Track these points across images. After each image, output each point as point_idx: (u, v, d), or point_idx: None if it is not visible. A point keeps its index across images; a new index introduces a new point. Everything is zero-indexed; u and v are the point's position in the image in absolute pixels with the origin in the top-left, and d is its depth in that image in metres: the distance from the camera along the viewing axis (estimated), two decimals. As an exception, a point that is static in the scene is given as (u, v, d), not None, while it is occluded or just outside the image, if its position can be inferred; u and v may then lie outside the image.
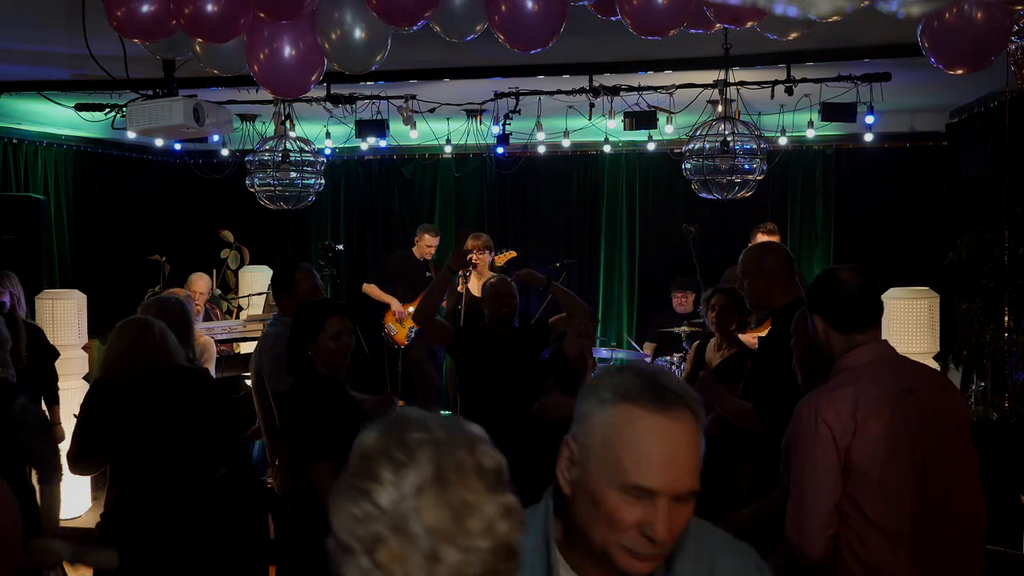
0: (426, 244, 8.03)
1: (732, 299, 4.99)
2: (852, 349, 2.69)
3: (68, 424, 4.77)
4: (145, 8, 3.76)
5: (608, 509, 1.40)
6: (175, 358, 3.65)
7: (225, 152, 8.90)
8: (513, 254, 7.85)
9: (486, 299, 4.92)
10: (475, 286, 6.96)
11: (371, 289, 7.96)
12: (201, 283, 7.50)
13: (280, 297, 4.58)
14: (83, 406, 3.72)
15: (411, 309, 7.81)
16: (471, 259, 5.48)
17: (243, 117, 8.07)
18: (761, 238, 6.56)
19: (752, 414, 3.62)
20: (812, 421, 2.58)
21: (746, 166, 6.04)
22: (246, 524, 3.38)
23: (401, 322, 7.90)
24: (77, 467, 3.74)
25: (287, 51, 3.97)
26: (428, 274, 8.04)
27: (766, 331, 4.22)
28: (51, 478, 3.65)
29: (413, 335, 7.80)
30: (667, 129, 7.17)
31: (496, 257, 7.66)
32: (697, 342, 5.57)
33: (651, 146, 8.44)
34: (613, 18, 3.90)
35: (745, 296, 4.10)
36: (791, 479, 2.67)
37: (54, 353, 5.56)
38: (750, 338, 5.42)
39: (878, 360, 2.67)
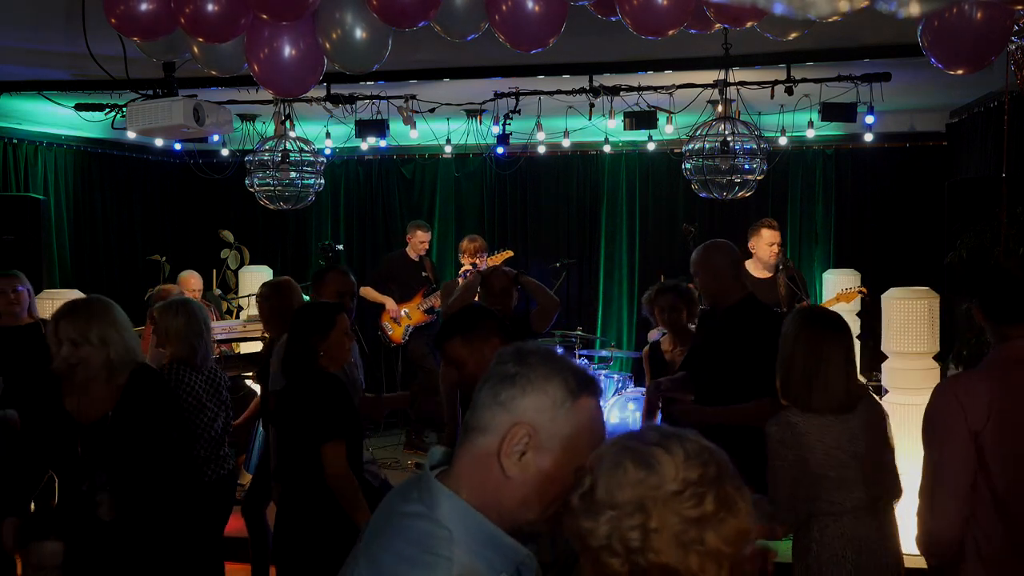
0: (419, 240, 8.11)
1: (677, 296, 5.09)
2: (1004, 342, 2.74)
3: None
4: (144, 7, 3.76)
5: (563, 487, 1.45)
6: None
7: (225, 152, 8.90)
8: (509, 253, 7.85)
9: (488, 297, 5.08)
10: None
11: (367, 291, 7.98)
12: (193, 280, 7.51)
13: (311, 293, 4.82)
14: None
15: (405, 310, 7.87)
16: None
17: (243, 117, 8.07)
18: (766, 234, 6.55)
19: (756, 409, 3.63)
20: (950, 402, 2.63)
21: (746, 166, 6.04)
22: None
23: (397, 321, 7.93)
24: None
25: (287, 51, 3.97)
26: (424, 273, 8.06)
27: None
28: None
29: (409, 334, 7.85)
30: (667, 129, 7.18)
31: (491, 257, 7.67)
32: (647, 347, 5.63)
33: (651, 146, 8.44)
34: (613, 18, 3.90)
35: (699, 292, 4.30)
36: (925, 463, 2.70)
37: None
38: None
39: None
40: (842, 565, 2.98)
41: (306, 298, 5.16)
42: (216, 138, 8.36)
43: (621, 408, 7.15)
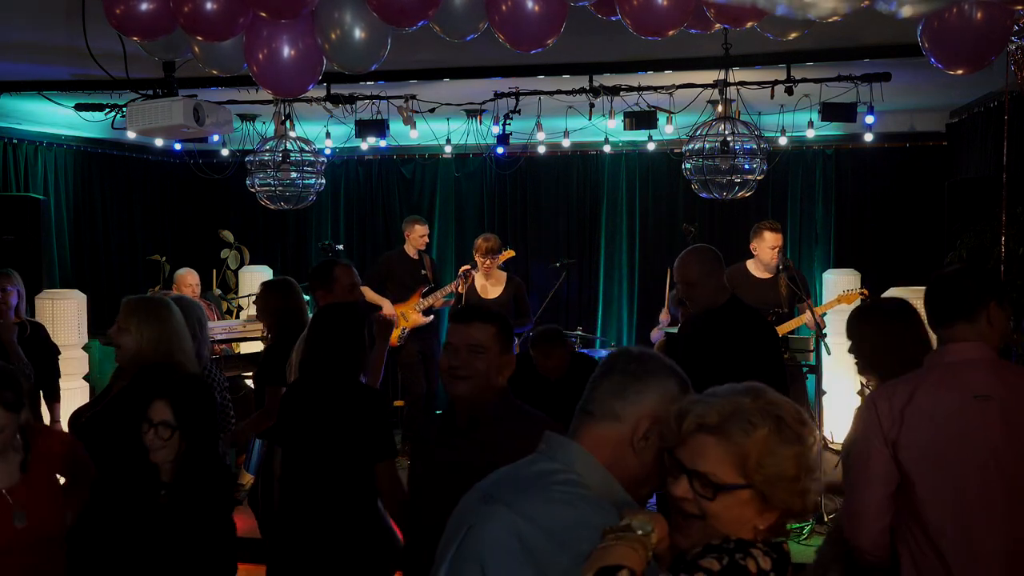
0: (418, 235, 7.83)
1: None
2: (943, 345, 2.67)
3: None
4: (144, 6, 3.76)
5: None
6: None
7: (225, 152, 8.90)
8: (511, 253, 7.77)
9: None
10: (486, 287, 6.89)
11: (365, 291, 7.84)
12: (190, 277, 7.50)
13: (316, 292, 4.60)
14: None
15: (401, 312, 7.68)
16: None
17: (243, 117, 8.07)
18: (768, 237, 6.54)
19: None
20: (867, 407, 2.61)
21: (746, 166, 6.04)
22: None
23: (394, 323, 7.78)
24: None
25: (286, 51, 3.97)
26: (423, 272, 7.87)
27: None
28: None
29: (405, 336, 7.65)
30: (667, 129, 7.17)
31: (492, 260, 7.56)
32: (656, 346, 5.63)
33: (651, 146, 8.44)
34: (613, 18, 3.90)
35: (681, 297, 4.37)
36: (845, 473, 2.68)
37: (55, 350, 5.57)
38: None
39: (960, 362, 2.59)
40: None
41: (306, 298, 5.12)
42: (216, 138, 8.36)
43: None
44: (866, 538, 2.56)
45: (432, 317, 7.72)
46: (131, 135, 7.33)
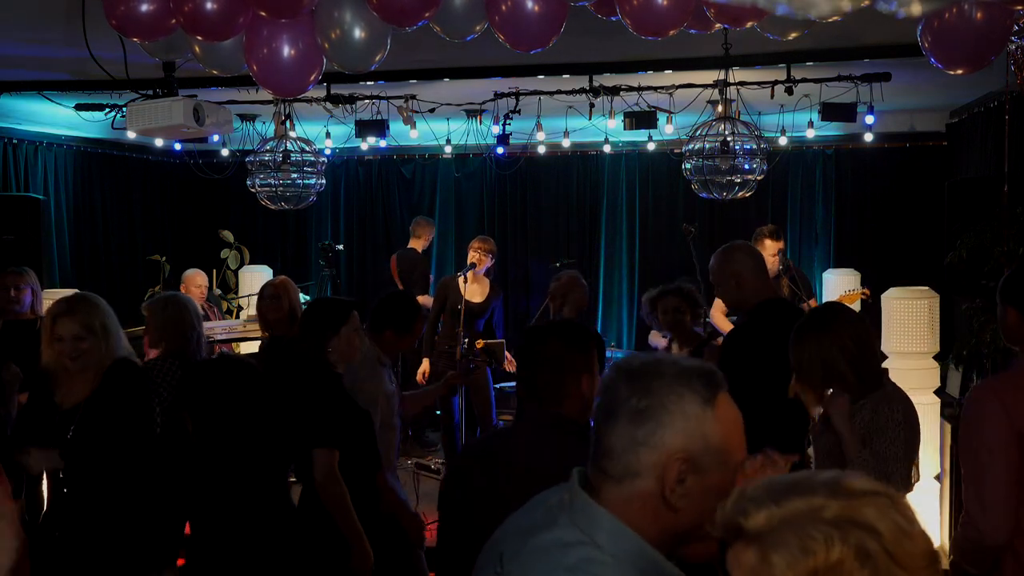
0: (430, 234, 8.19)
1: (680, 298, 4.99)
2: None
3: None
4: (144, 7, 3.76)
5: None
6: None
7: (225, 152, 8.90)
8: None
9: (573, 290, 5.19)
10: (470, 290, 6.86)
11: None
12: (199, 278, 7.52)
13: (384, 332, 4.06)
14: None
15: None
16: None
17: (243, 117, 8.07)
18: (768, 244, 6.48)
19: None
20: (992, 404, 2.57)
21: (746, 166, 6.04)
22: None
23: None
24: None
25: (286, 50, 3.97)
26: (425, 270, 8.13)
27: None
28: None
29: None
30: (667, 129, 7.17)
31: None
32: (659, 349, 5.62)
33: (651, 146, 8.44)
34: (613, 18, 3.90)
35: (722, 300, 4.14)
36: (969, 468, 2.66)
37: None
38: None
39: None
40: None
41: (305, 298, 5.15)
42: (216, 138, 8.36)
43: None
44: (1002, 534, 2.55)
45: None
46: (131, 135, 7.32)
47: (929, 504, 5.22)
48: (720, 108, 6.15)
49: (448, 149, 8.60)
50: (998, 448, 2.56)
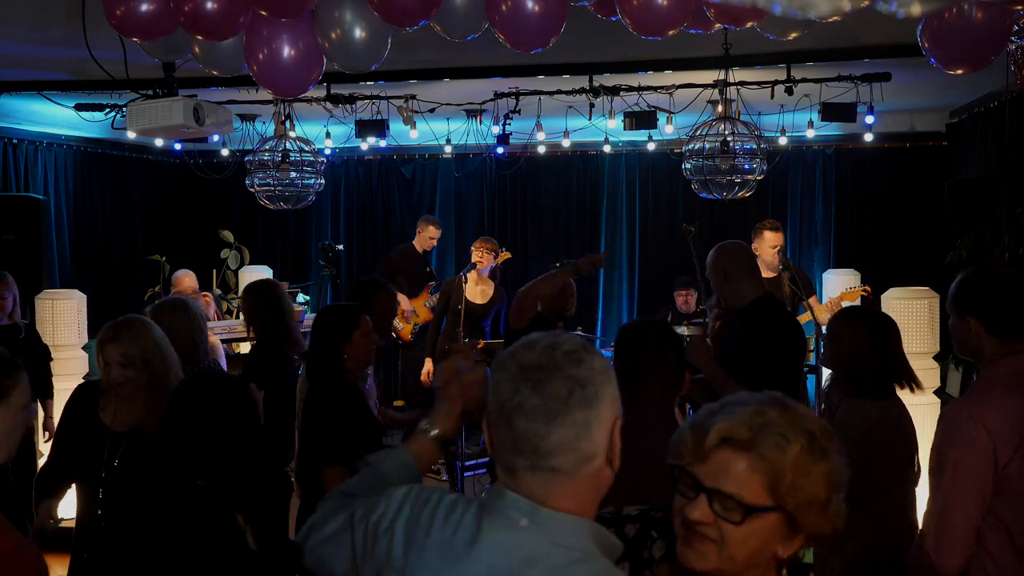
0: (429, 236, 8.04)
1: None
2: (1010, 355, 2.49)
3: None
4: (144, 7, 3.76)
5: None
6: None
7: (225, 152, 8.90)
8: (507, 255, 7.81)
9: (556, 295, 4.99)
10: (472, 291, 6.86)
11: None
12: (188, 279, 7.49)
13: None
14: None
15: (412, 308, 7.76)
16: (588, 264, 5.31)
17: (243, 117, 8.07)
18: (768, 236, 6.51)
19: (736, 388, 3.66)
20: (972, 428, 2.39)
21: (746, 166, 6.04)
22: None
23: (406, 318, 7.86)
24: None
25: (286, 51, 3.97)
26: (428, 269, 8.05)
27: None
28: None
29: (416, 332, 7.76)
30: (667, 129, 7.17)
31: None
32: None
33: (651, 146, 8.44)
34: (613, 18, 3.90)
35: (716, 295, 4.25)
36: (934, 489, 2.49)
37: (47, 352, 5.61)
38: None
39: None
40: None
41: (305, 298, 5.13)
42: (216, 138, 8.36)
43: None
44: (959, 556, 2.41)
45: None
46: (131, 135, 7.32)
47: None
48: (720, 108, 6.15)
49: (448, 149, 8.60)
50: (972, 475, 2.39)
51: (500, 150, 7.89)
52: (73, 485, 3.40)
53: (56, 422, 5.11)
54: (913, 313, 5.48)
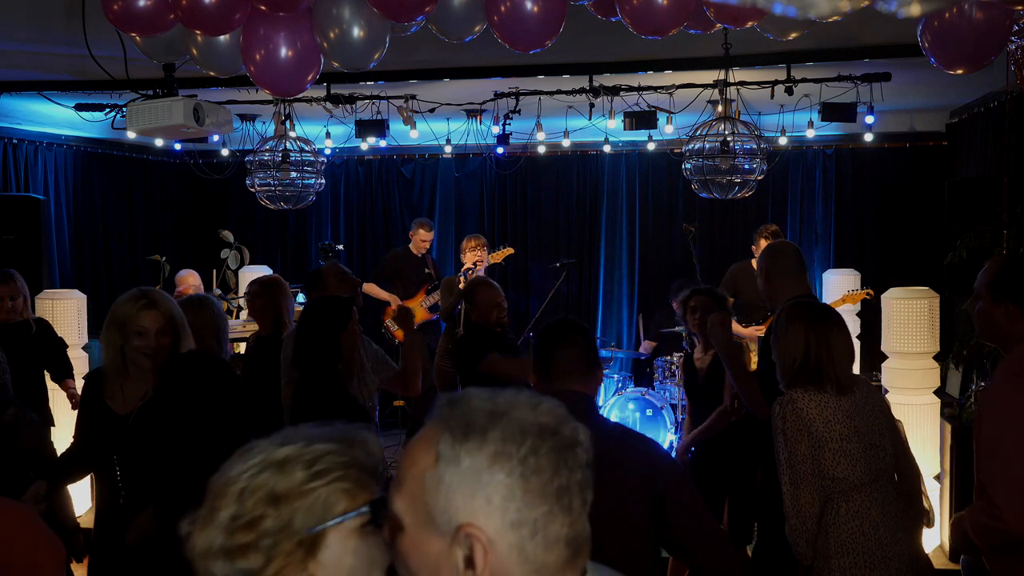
0: (421, 239, 8.13)
1: (711, 298, 4.90)
2: None
3: (64, 418, 4.86)
4: (142, 1, 3.76)
5: None
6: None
7: (225, 152, 8.90)
8: (510, 251, 7.83)
9: (486, 309, 5.03)
10: None
11: (371, 288, 7.98)
12: (191, 278, 7.51)
13: (311, 295, 4.90)
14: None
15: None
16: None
17: (243, 117, 8.07)
18: (763, 244, 6.52)
19: (754, 392, 3.81)
20: (1021, 396, 2.62)
21: (746, 166, 6.04)
22: None
23: None
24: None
25: (283, 50, 3.96)
26: (427, 270, 8.09)
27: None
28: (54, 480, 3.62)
29: None
30: (667, 129, 7.17)
31: (492, 255, 7.67)
32: (682, 354, 5.57)
33: (651, 146, 8.44)
34: (613, 18, 3.90)
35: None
36: (988, 459, 2.69)
37: (62, 343, 5.65)
38: (754, 332, 5.49)
39: None
40: (867, 537, 2.97)
41: (301, 298, 5.20)
42: (216, 138, 8.36)
43: (621, 408, 7.15)
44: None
45: (437, 314, 7.83)
46: (131, 135, 7.33)
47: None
48: (720, 108, 6.15)
49: (448, 149, 8.60)
50: None
51: (500, 150, 7.89)
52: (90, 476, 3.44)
53: (76, 393, 5.30)
54: (913, 313, 5.47)
